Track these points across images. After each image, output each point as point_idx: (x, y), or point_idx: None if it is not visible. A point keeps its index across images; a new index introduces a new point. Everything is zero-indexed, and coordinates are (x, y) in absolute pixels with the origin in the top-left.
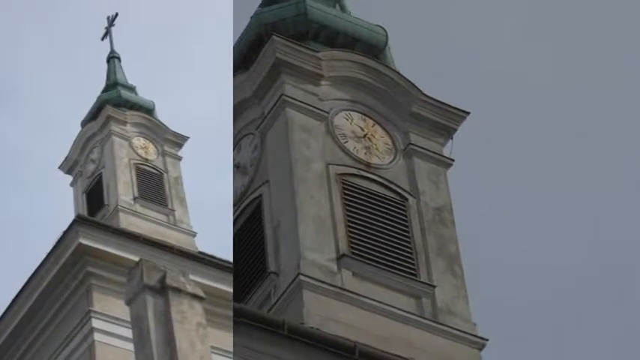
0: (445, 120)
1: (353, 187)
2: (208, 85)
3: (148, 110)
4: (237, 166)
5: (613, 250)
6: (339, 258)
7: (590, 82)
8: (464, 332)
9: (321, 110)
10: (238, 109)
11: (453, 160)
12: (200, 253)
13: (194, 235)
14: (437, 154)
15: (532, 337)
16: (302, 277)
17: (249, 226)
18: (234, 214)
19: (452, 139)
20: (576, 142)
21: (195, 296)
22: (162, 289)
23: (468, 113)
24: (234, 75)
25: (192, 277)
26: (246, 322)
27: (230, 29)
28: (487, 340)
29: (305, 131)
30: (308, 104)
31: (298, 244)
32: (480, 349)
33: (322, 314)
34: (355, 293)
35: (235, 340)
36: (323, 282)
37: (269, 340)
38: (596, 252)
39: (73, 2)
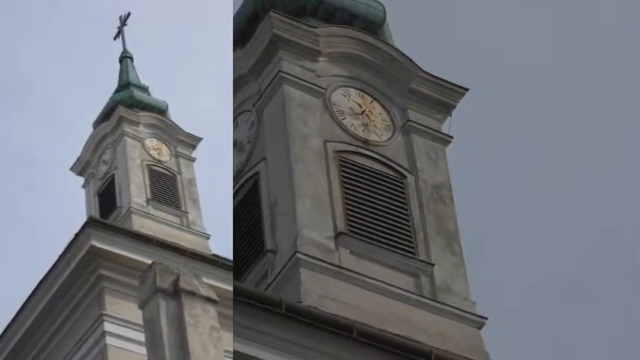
0: (444, 96)
1: (351, 164)
2: (221, 86)
3: (161, 111)
4: (234, 144)
5: (614, 228)
6: (337, 236)
7: (590, 57)
8: (463, 311)
9: (319, 87)
10: (235, 86)
11: (451, 137)
12: (214, 255)
13: (207, 237)
14: (435, 130)
15: (532, 316)
16: (299, 255)
17: (246, 204)
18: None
19: (450, 115)
20: (576, 119)
21: (208, 299)
22: (175, 293)
23: (467, 90)
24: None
25: (205, 280)
26: (243, 301)
27: None
28: (486, 318)
29: (302, 108)
30: (305, 81)
31: (295, 221)
32: (479, 328)
33: (320, 292)
34: (353, 271)
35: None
36: (320, 260)
37: (266, 319)
38: (597, 230)
39: (85, 1)
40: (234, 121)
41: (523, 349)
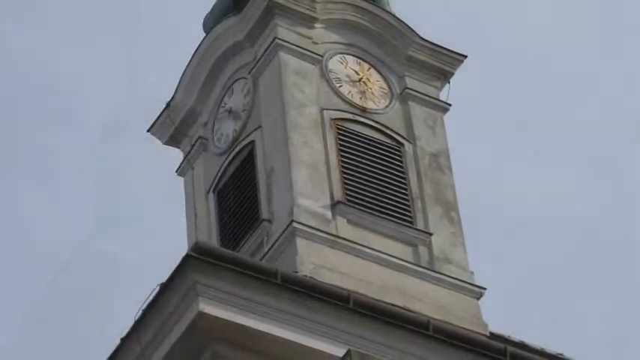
0: (442, 64)
1: (348, 132)
2: None
3: None
4: (229, 111)
5: (616, 195)
6: (334, 205)
7: (591, 23)
8: (461, 281)
9: (315, 54)
10: (230, 53)
11: (450, 105)
12: None
13: None
14: (434, 98)
15: (531, 286)
16: (295, 225)
17: (241, 173)
18: (225, 159)
19: (449, 83)
20: (577, 85)
21: None
22: None
23: (465, 56)
24: (226, 17)
25: None
26: (239, 271)
27: None
28: (485, 289)
29: (299, 75)
30: (302, 47)
31: (292, 190)
32: (478, 299)
33: (316, 262)
34: (350, 241)
35: (227, 288)
36: (317, 229)
37: (262, 289)
38: (597, 199)
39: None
40: (228, 89)
41: (522, 319)
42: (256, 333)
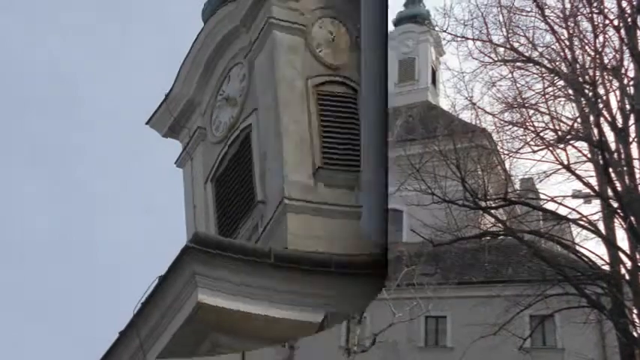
0: None
1: (326, 95)
2: None
3: None
4: (226, 99)
5: None
6: (315, 172)
7: None
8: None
9: (302, 25)
10: (226, 41)
11: None
12: None
13: None
14: None
15: None
16: (286, 201)
17: (238, 157)
18: (223, 147)
19: None
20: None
21: None
22: None
23: None
24: (223, 5)
25: None
26: (236, 258)
27: None
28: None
29: (290, 51)
30: (291, 22)
31: (282, 169)
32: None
33: (303, 233)
34: (332, 204)
35: (225, 276)
36: (303, 200)
37: (257, 272)
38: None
39: None
40: (226, 76)
41: None
42: (255, 317)
